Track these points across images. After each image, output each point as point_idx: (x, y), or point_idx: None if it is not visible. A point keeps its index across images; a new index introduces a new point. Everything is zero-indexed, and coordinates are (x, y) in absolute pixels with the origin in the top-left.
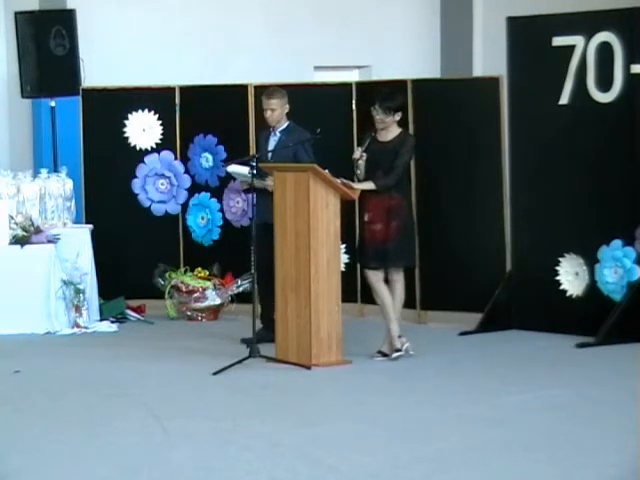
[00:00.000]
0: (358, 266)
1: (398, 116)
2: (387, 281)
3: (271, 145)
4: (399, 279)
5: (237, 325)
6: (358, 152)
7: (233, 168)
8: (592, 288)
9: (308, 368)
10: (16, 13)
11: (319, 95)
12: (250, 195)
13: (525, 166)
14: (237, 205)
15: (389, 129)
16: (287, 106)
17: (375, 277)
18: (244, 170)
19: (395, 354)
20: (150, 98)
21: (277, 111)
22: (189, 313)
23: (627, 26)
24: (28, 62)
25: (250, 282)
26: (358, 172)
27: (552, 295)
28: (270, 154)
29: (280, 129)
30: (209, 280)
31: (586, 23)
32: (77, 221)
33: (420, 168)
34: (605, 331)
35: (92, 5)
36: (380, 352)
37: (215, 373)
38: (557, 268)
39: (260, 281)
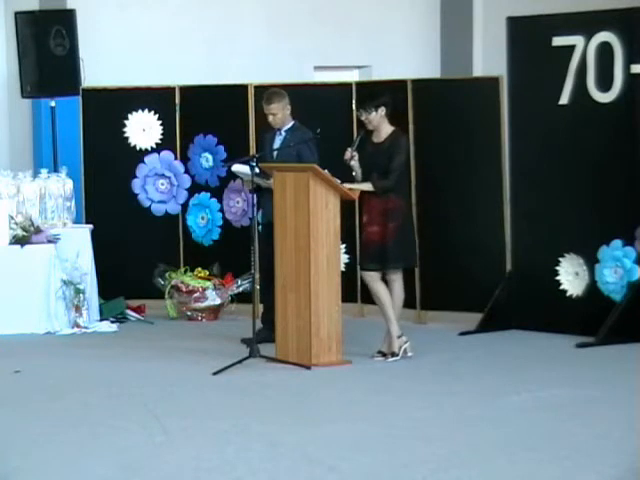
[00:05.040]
0: (358, 266)
1: (382, 111)
2: (385, 281)
3: (277, 145)
4: (397, 279)
5: (237, 325)
6: (348, 152)
7: (238, 168)
8: (592, 288)
9: (308, 368)
10: (16, 13)
11: (319, 95)
12: (251, 195)
13: (525, 166)
14: (237, 205)
15: (380, 128)
16: (289, 106)
17: (370, 278)
18: (249, 170)
19: (391, 358)
20: (150, 98)
21: (279, 114)
22: (189, 313)
23: (627, 26)
24: (28, 62)
25: (250, 282)
26: (354, 173)
27: (552, 295)
28: (275, 153)
29: (285, 128)
30: (209, 280)
31: (586, 23)
32: (77, 221)
33: (420, 168)
34: (605, 331)
35: (92, 5)
36: (380, 352)
37: (215, 373)
38: (557, 268)
39: (263, 281)
